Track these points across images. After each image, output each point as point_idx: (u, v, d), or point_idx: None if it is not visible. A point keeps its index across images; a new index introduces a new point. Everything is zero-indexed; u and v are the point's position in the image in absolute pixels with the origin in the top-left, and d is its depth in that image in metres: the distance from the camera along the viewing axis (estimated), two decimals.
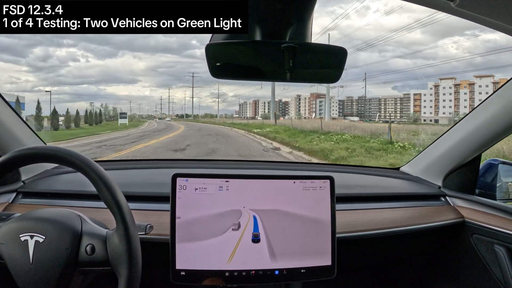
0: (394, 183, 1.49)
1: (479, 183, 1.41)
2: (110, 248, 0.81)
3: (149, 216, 1.11)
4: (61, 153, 0.82)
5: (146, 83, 59.69)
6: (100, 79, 55.50)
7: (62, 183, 1.27)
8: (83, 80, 54.42)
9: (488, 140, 1.26)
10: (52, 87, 50.49)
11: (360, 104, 34.83)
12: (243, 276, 1.02)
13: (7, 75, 48.39)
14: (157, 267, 1.08)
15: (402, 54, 38.99)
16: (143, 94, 56.69)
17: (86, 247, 0.82)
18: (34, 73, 49.67)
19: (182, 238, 1.01)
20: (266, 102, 41.38)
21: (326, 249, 1.07)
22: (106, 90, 54.56)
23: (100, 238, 0.83)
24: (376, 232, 1.19)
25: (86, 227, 0.85)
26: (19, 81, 48.36)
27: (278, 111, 39.32)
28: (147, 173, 1.47)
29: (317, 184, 1.08)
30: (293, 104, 39.88)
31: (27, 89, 47.05)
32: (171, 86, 51.54)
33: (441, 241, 1.37)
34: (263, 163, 1.68)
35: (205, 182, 1.04)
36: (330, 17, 21.94)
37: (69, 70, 52.67)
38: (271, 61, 0.91)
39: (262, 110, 41.60)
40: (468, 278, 1.34)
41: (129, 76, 60.09)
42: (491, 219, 1.24)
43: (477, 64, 43.73)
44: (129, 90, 57.02)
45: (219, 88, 41.54)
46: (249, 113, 43.17)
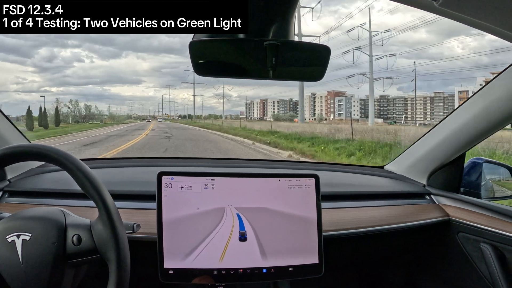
0: (379, 181, 1.51)
1: (464, 182, 1.42)
2: (96, 235, 0.81)
3: (136, 215, 1.11)
4: (46, 151, 0.82)
5: (150, 83, 59.41)
6: (105, 80, 55.25)
7: (48, 182, 1.26)
8: (88, 80, 54.18)
9: (471, 139, 1.28)
10: (58, 87, 50.16)
11: (382, 104, 31.53)
12: (231, 275, 1.02)
13: (13, 75, 48.10)
14: (145, 266, 1.07)
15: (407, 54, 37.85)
16: (148, 94, 56.42)
17: (72, 238, 0.82)
18: (40, 74, 49.38)
19: (169, 237, 1.01)
20: (276, 102, 38.36)
21: (313, 247, 1.07)
22: (110, 91, 54.30)
23: (84, 228, 0.83)
24: (362, 230, 1.20)
25: (70, 219, 0.85)
26: (25, 82, 48.02)
27: (289, 112, 36.54)
28: (133, 172, 1.46)
29: (302, 182, 1.09)
30: (307, 104, 35.42)
31: (33, 90, 46.74)
32: (174, 86, 51.07)
33: (427, 239, 1.38)
34: (248, 161, 1.69)
35: (191, 180, 1.04)
36: (333, 17, 21.47)
37: (74, 70, 52.39)
38: (254, 58, 0.92)
39: (272, 110, 38.75)
40: (454, 276, 1.35)
41: (133, 77, 59.87)
42: (476, 217, 1.25)
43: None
44: (134, 91, 56.79)
45: (223, 89, 40.16)
46: (257, 113, 40.18)
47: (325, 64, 0.93)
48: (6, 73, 47.57)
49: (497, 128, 1.21)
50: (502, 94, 1.12)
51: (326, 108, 32.58)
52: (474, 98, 1.22)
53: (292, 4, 0.86)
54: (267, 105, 40.48)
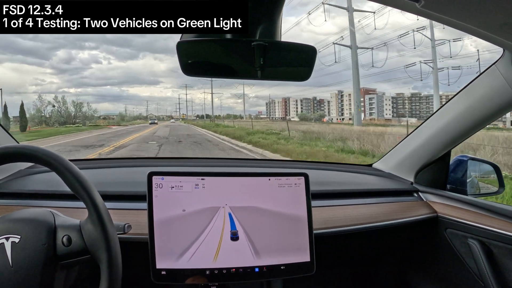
0: (368, 179, 1.53)
1: (450, 179, 1.45)
2: (86, 236, 0.81)
3: (127, 216, 1.10)
4: (35, 152, 0.81)
5: (168, 84, 59.04)
6: (122, 81, 54.94)
7: (37, 183, 1.24)
8: (106, 81, 53.84)
9: (457, 137, 1.31)
10: (76, 88, 49.74)
11: (414, 102, 30.27)
12: (224, 274, 1.02)
13: (32, 77, 47.58)
14: (137, 267, 1.07)
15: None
16: (165, 95, 56.12)
17: (62, 239, 0.81)
18: (58, 75, 48.96)
19: (161, 237, 1.01)
20: (299, 100, 36.24)
21: (304, 246, 1.08)
22: (128, 91, 54.00)
23: (74, 228, 0.82)
24: (352, 228, 1.21)
25: (59, 220, 0.84)
26: (44, 83, 47.49)
27: (313, 111, 34.99)
28: (123, 172, 1.45)
29: (292, 181, 1.10)
30: (333, 102, 32.92)
31: (52, 91, 46.21)
32: (192, 86, 50.56)
33: (416, 236, 1.41)
34: (239, 161, 1.69)
35: (181, 180, 1.04)
36: (345, 17, 20.79)
37: (92, 72, 52.05)
38: (242, 59, 0.92)
39: (294, 109, 36.89)
40: (443, 271, 1.37)
41: (151, 78, 59.55)
42: (463, 213, 1.27)
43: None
44: (152, 91, 56.50)
45: (243, 89, 38.48)
46: (278, 113, 38.47)
47: (311, 64, 0.95)
48: (25, 74, 47.05)
49: (481, 125, 1.24)
50: (485, 93, 1.15)
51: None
52: (458, 97, 1.25)
53: (279, 4, 0.88)
54: (290, 104, 38.35)
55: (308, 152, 10.77)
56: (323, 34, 28.42)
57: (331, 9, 24.62)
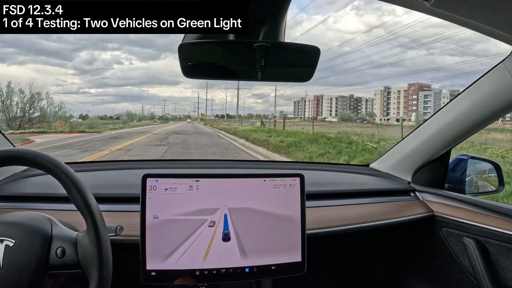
0: (364, 179, 1.52)
1: (449, 178, 1.44)
2: (81, 251, 0.80)
3: (119, 217, 1.11)
4: (31, 155, 0.81)
5: (188, 84, 59.39)
6: (143, 81, 55.58)
7: (32, 186, 1.25)
8: (127, 82, 54.51)
9: (458, 136, 1.30)
10: (97, 89, 50.48)
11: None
12: (213, 275, 1.03)
13: (53, 78, 48.40)
14: (127, 268, 1.07)
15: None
16: (185, 95, 56.57)
17: (56, 250, 0.81)
18: (80, 76, 49.83)
19: (152, 238, 1.01)
20: (334, 98, 32.19)
21: (296, 246, 1.08)
22: (148, 92, 54.54)
23: (70, 241, 0.82)
24: (346, 228, 1.21)
25: (56, 230, 0.84)
26: (65, 84, 48.19)
27: (348, 111, 30.52)
28: (117, 174, 1.46)
29: (287, 182, 1.10)
30: (378, 100, 28.13)
31: (73, 91, 46.92)
32: (212, 86, 50.30)
33: (411, 235, 1.41)
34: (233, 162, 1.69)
35: (175, 182, 1.04)
36: (376, 14, 19.61)
37: (113, 72, 52.69)
38: (243, 60, 0.92)
39: (328, 108, 32.80)
40: (438, 270, 1.37)
41: (171, 78, 60.11)
42: (459, 212, 1.27)
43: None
44: (172, 91, 57.00)
45: (276, 90, 35.32)
46: (309, 112, 34.09)
47: (314, 64, 0.94)
48: (47, 75, 47.75)
49: (484, 124, 1.23)
50: (490, 91, 1.13)
51: (406, 106, 24.77)
52: (462, 95, 1.24)
53: (284, 5, 0.87)
54: (323, 103, 34.03)
55: None
56: (350, 33, 27.31)
57: (359, 6, 22.68)
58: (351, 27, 43.67)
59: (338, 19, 39.22)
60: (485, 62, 30.09)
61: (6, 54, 55.50)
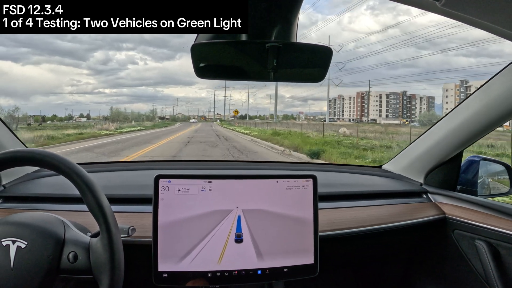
0: (377, 181, 1.51)
1: (461, 180, 1.43)
2: (93, 257, 0.80)
3: (132, 219, 1.10)
4: (43, 156, 0.80)
5: (203, 84, 59.54)
6: (158, 81, 55.83)
7: (44, 187, 1.25)
8: (141, 82, 54.79)
9: (469, 138, 1.28)
10: (111, 89, 50.79)
11: None
12: (226, 277, 1.02)
13: (68, 78, 48.88)
14: (139, 269, 1.07)
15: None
16: (200, 95, 56.71)
17: (68, 255, 0.81)
18: (94, 76, 50.19)
19: (165, 240, 1.01)
20: (384, 95, 25.00)
21: (309, 248, 1.07)
22: (163, 92, 54.78)
23: (83, 246, 0.81)
24: (359, 230, 1.20)
25: (69, 234, 0.83)
26: (80, 84, 48.64)
27: (401, 110, 23.63)
28: (130, 175, 1.45)
29: (300, 183, 1.09)
30: (452, 97, 22.62)
31: (87, 91, 47.28)
32: (228, 86, 50.51)
33: (423, 237, 1.39)
34: (246, 163, 1.68)
35: (188, 183, 1.03)
36: (391, 14, 18.46)
37: (128, 72, 53.01)
38: (255, 61, 0.92)
39: (377, 107, 25.83)
40: (450, 273, 1.36)
41: (187, 78, 60.32)
42: (472, 214, 1.26)
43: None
44: (186, 92, 57.19)
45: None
46: (348, 113, 26.69)
47: (326, 65, 0.94)
48: (62, 75, 48.18)
49: (496, 125, 1.21)
50: (502, 92, 1.12)
51: None
52: (474, 96, 1.22)
53: (295, 6, 0.87)
54: (369, 101, 27.23)
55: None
56: (363, 33, 26.04)
57: (374, 6, 21.25)
58: (364, 26, 43.04)
59: (353, 19, 38.01)
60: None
61: (20, 54, 56.41)
